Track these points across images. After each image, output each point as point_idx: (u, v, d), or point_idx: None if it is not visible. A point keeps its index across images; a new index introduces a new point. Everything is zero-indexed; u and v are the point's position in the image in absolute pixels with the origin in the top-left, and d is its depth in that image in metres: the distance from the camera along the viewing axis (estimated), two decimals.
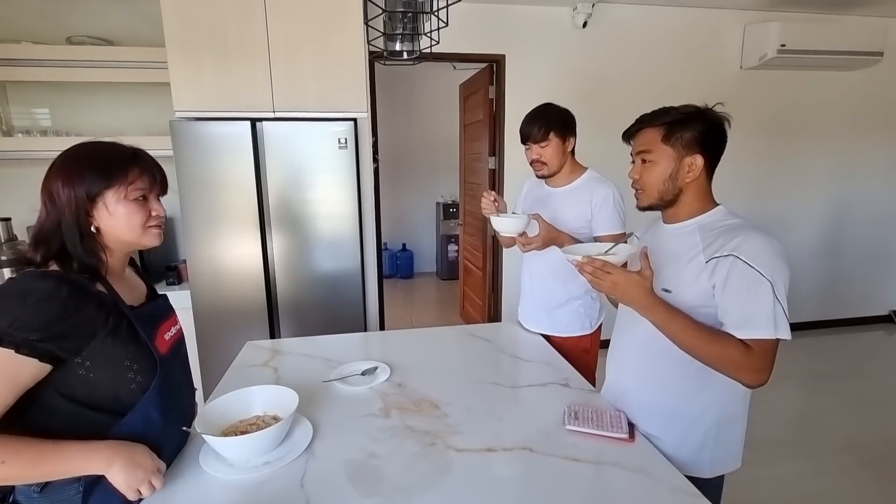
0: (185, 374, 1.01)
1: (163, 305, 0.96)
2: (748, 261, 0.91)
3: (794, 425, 2.49)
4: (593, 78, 3.09)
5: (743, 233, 0.94)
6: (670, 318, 0.94)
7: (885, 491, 2.01)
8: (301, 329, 2.21)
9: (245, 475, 0.92)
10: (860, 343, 3.60)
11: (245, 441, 0.93)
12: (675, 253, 1.03)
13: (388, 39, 1.39)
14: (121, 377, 0.81)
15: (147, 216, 0.86)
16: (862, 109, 3.48)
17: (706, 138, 0.99)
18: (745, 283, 0.91)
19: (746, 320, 0.91)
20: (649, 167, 1.02)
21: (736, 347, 0.91)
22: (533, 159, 1.56)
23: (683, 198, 1.03)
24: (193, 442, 1.00)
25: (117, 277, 0.87)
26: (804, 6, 3.09)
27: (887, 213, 3.72)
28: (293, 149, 2.08)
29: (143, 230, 0.86)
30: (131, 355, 0.81)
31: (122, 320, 0.81)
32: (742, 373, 0.92)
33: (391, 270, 5.47)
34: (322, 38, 2.04)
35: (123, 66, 2.26)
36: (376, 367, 1.36)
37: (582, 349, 1.63)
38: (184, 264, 2.29)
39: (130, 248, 0.89)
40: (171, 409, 0.89)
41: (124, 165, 0.83)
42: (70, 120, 2.48)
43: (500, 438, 1.04)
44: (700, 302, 0.96)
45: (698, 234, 1.01)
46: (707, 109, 1.01)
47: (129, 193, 0.83)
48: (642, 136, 1.04)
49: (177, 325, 0.98)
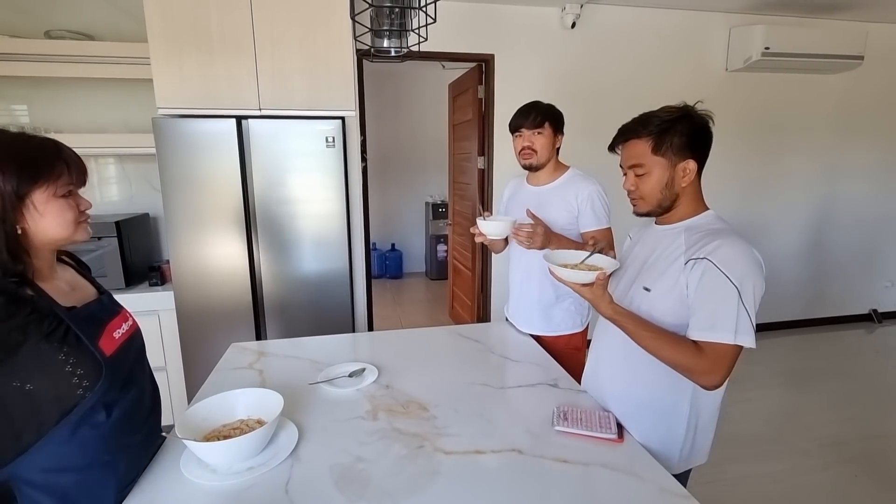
0: (143, 373, 0.95)
1: (107, 303, 0.91)
2: (720, 265, 0.92)
3: (778, 423, 2.53)
4: (581, 78, 3.10)
5: (722, 238, 0.95)
6: (631, 325, 1.00)
7: (867, 486, 2.04)
8: (288, 330, 2.18)
9: (228, 481, 0.89)
10: (842, 341, 3.67)
11: (228, 446, 0.90)
12: (659, 254, 1.05)
13: (375, 36, 1.37)
14: (63, 384, 0.75)
15: (77, 211, 0.82)
16: (843, 112, 3.55)
17: (694, 141, 0.99)
18: (713, 287, 0.92)
19: (709, 324, 0.92)
20: (644, 178, 1.03)
21: (686, 351, 0.94)
22: (524, 146, 1.55)
23: (680, 202, 1.04)
24: (174, 447, 0.97)
25: (46, 279, 0.82)
26: (788, 10, 3.15)
27: (868, 214, 3.80)
28: (280, 147, 2.05)
29: (76, 226, 0.82)
30: (73, 360, 0.76)
31: (59, 324, 0.76)
32: (694, 375, 0.94)
33: (380, 270, 5.44)
34: (309, 34, 2.01)
35: (104, 62, 2.21)
36: (364, 368, 1.34)
37: (574, 347, 1.63)
38: (167, 264, 2.24)
39: (59, 246, 0.85)
40: (120, 411, 0.83)
41: (51, 161, 0.78)
42: (49, 117, 2.41)
43: (489, 440, 1.03)
44: (676, 303, 0.98)
45: (683, 236, 1.02)
46: (690, 110, 1.00)
47: (59, 190, 0.78)
48: (630, 148, 1.04)
49: (128, 322, 0.93)
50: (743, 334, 0.90)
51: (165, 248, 2.60)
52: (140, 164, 2.53)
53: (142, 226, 2.50)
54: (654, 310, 1.02)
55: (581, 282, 1.03)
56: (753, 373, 3.01)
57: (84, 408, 0.77)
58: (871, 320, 3.98)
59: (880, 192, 3.78)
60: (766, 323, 3.74)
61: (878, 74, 3.47)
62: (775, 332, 3.73)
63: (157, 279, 2.32)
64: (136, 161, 2.53)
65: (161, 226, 2.60)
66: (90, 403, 0.78)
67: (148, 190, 2.56)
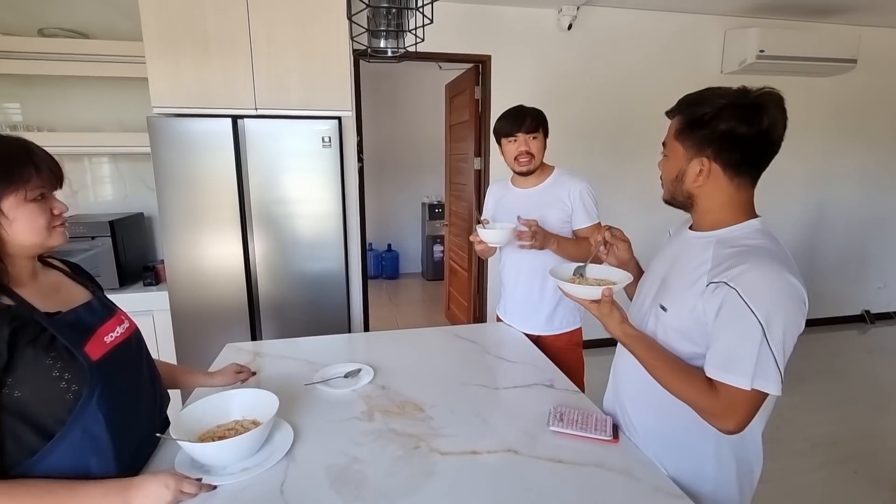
0: (140, 376, 0.92)
1: (98, 307, 0.88)
2: (743, 295, 0.77)
3: (771, 422, 2.53)
4: (577, 80, 3.11)
5: (754, 259, 0.79)
6: (641, 351, 0.90)
7: (859, 485, 2.06)
8: (283, 331, 2.17)
9: (223, 482, 0.88)
10: (835, 342, 3.70)
11: (222, 447, 0.90)
12: (682, 267, 0.91)
13: (371, 36, 1.37)
14: (52, 390, 0.74)
15: (50, 216, 0.79)
16: (836, 115, 3.58)
17: (724, 141, 0.82)
18: (733, 321, 0.78)
19: (724, 361, 0.79)
20: (665, 160, 0.93)
21: (699, 388, 0.82)
22: (521, 151, 1.54)
23: (699, 204, 0.90)
24: (169, 448, 0.96)
25: (26, 284, 0.79)
26: (782, 13, 3.17)
27: (861, 216, 3.83)
28: (276, 147, 2.04)
29: (49, 231, 0.79)
30: (60, 364, 0.74)
31: (43, 331, 0.74)
32: (706, 416, 0.82)
33: (376, 271, 5.44)
34: (305, 34, 2.01)
35: (98, 60, 2.19)
36: (360, 369, 1.34)
37: (574, 343, 1.66)
38: (162, 264, 2.23)
39: (35, 252, 0.81)
40: (119, 415, 0.82)
41: (21, 164, 0.75)
42: (42, 115, 2.39)
43: (485, 441, 1.03)
44: (693, 328, 0.86)
45: (712, 250, 0.87)
46: (747, 101, 0.80)
47: (29, 194, 0.75)
48: (672, 122, 0.91)
49: (123, 325, 0.89)
50: (763, 379, 0.76)
51: (160, 248, 2.58)
52: (135, 163, 2.51)
53: (136, 225, 2.48)
54: (668, 334, 0.90)
55: (588, 298, 0.92)
56: None
57: (78, 413, 0.75)
58: (863, 321, 4.01)
59: (873, 195, 3.81)
60: None
61: (870, 78, 3.51)
62: None
63: (152, 279, 2.31)
64: (130, 160, 2.51)
65: (156, 225, 2.58)
66: (84, 409, 0.76)
67: (142, 189, 2.54)
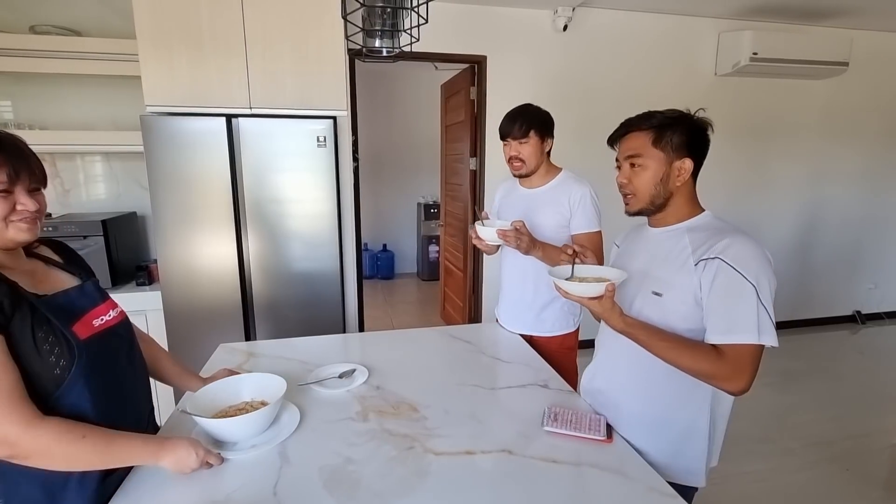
0: (130, 363, 0.95)
1: (89, 291, 0.91)
2: (733, 264, 0.90)
3: (763, 422, 2.56)
4: (573, 81, 3.12)
5: (730, 236, 0.93)
6: (644, 336, 0.96)
7: (850, 484, 2.08)
8: (277, 331, 2.16)
9: (233, 456, 0.95)
10: (827, 342, 3.74)
11: (237, 422, 0.97)
12: (664, 256, 1.02)
13: (367, 35, 1.36)
14: (42, 363, 0.77)
15: (10, 210, 0.80)
16: (828, 117, 3.62)
17: (693, 141, 0.99)
18: (729, 288, 0.90)
19: (729, 325, 0.89)
20: (639, 171, 1.01)
21: (707, 356, 0.90)
22: (511, 156, 1.55)
23: (673, 202, 1.02)
24: (185, 423, 1.03)
25: (6, 269, 0.82)
26: (775, 16, 3.20)
27: (852, 217, 3.87)
28: (270, 146, 2.03)
29: (5, 224, 0.80)
30: (51, 338, 0.78)
31: (33, 307, 0.78)
32: (717, 381, 0.91)
33: (371, 271, 5.43)
34: (300, 33, 2.00)
35: (91, 58, 2.17)
36: (354, 369, 1.34)
37: (567, 347, 1.64)
38: (155, 264, 2.21)
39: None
40: (105, 397, 0.85)
41: None
42: (34, 113, 2.37)
43: (479, 441, 1.03)
44: (692, 307, 0.95)
45: (687, 236, 1.00)
46: (691, 115, 1.01)
47: None
48: (630, 140, 1.03)
49: (115, 310, 0.93)
50: (766, 333, 0.88)
51: (153, 248, 2.56)
52: (127, 162, 2.49)
53: (129, 225, 2.47)
54: (668, 316, 0.98)
55: (589, 295, 0.96)
56: None
57: (65, 389, 0.79)
58: (855, 321, 4.05)
59: (864, 196, 3.85)
60: None
61: (862, 80, 3.54)
62: None
63: (145, 279, 2.29)
64: (123, 159, 2.49)
65: (149, 225, 2.56)
66: (72, 386, 0.79)
67: (135, 188, 2.52)
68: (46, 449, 0.75)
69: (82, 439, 0.77)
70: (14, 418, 0.72)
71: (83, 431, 0.78)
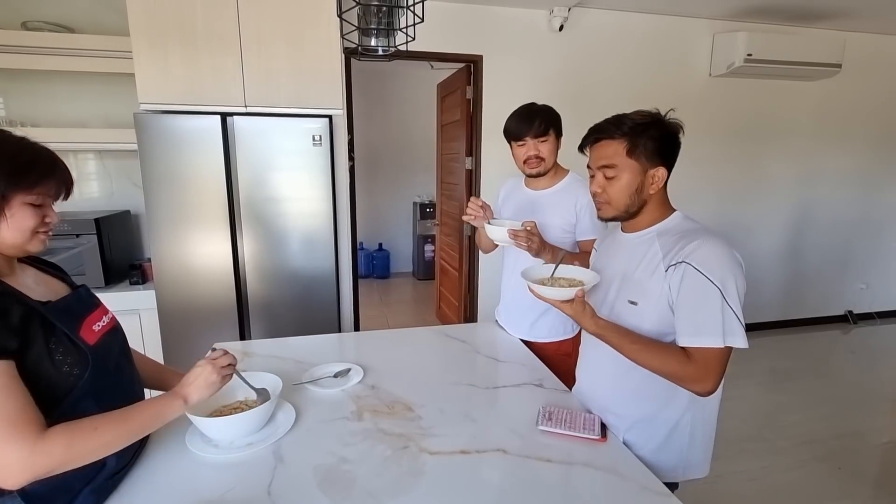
0: (127, 364, 0.96)
1: (84, 297, 0.91)
2: (698, 267, 0.90)
3: (755, 421, 2.58)
4: (569, 81, 3.13)
5: (697, 238, 0.94)
6: (615, 339, 0.98)
7: (841, 483, 2.10)
8: (272, 330, 2.15)
9: (229, 455, 0.95)
10: (818, 342, 3.77)
11: (231, 422, 0.97)
12: (637, 262, 1.02)
13: (362, 34, 1.36)
14: (55, 370, 0.77)
15: (39, 222, 0.81)
16: (821, 118, 3.64)
17: (665, 148, 0.98)
18: (695, 291, 0.91)
19: (695, 329, 0.91)
20: (614, 182, 1.00)
21: (675, 358, 0.92)
22: (530, 155, 1.49)
23: (646, 208, 1.03)
24: (180, 423, 0.99)
25: (7, 276, 0.81)
26: (769, 18, 3.22)
27: (845, 218, 3.90)
28: (265, 145, 2.02)
29: (32, 236, 0.81)
30: (61, 349, 0.78)
31: (42, 317, 0.78)
32: (685, 383, 0.93)
33: (367, 270, 5.42)
34: (295, 31, 1.99)
35: (84, 55, 2.15)
36: (349, 368, 1.34)
37: (564, 353, 1.60)
38: (149, 263, 2.20)
39: (12, 253, 0.82)
40: (110, 400, 0.85)
41: (44, 172, 0.80)
42: (26, 110, 2.35)
43: (474, 440, 1.03)
44: (665, 313, 0.96)
45: (657, 241, 1.00)
46: (662, 117, 0.99)
47: (35, 199, 0.79)
48: (602, 148, 1.01)
49: (108, 315, 0.94)
50: (731, 335, 0.89)
51: (147, 246, 2.55)
52: (121, 160, 2.48)
53: (122, 223, 2.45)
54: (644, 323, 0.99)
55: (560, 298, 0.99)
56: (732, 373, 3.00)
57: (74, 397, 0.79)
58: (846, 321, 4.09)
59: (856, 197, 3.89)
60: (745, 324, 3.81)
61: (855, 82, 3.57)
62: (754, 333, 3.80)
63: (138, 278, 2.27)
64: (116, 157, 2.48)
65: (142, 223, 2.55)
66: (81, 392, 0.79)
67: (129, 186, 2.50)
68: (63, 458, 0.73)
69: (95, 431, 0.76)
70: (18, 444, 0.70)
71: (93, 424, 0.77)
